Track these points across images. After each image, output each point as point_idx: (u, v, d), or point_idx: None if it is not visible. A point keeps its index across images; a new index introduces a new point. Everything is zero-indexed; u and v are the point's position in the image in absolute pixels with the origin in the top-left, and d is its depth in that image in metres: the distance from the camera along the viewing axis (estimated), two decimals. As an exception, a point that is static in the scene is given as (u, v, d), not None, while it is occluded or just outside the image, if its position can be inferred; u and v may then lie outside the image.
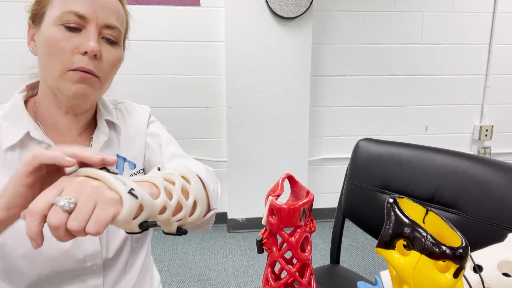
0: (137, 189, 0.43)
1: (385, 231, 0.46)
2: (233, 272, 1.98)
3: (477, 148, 2.66)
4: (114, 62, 0.66)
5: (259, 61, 2.21)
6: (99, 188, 0.40)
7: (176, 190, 0.50)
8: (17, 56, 2.10)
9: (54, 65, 0.60)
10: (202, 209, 0.55)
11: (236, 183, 2.37)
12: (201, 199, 0.55)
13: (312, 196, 0.53)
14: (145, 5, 2.18)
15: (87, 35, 0.61)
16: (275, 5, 2.10)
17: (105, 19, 0.62)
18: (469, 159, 0.86)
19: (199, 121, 2.38)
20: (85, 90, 0.62)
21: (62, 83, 0.61)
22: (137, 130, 0.78)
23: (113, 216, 0.40)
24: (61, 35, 0.60)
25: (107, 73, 0.65)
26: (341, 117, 2.53)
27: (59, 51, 0.59)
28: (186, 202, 0.51)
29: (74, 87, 0.61)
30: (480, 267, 0.51)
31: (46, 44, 0.60)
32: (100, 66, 0.63)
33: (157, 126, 0.81)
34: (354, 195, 1.06)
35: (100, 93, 0.67)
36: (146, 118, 0.80)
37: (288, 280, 0.54)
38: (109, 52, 0.64)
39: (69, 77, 0.60)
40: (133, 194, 0.42)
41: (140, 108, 0.82)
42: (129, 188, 0.42)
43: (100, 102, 0.75)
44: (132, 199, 0.41)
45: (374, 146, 1.05)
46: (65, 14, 0.59)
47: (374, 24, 2.42)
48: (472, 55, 2.55)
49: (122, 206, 0.40)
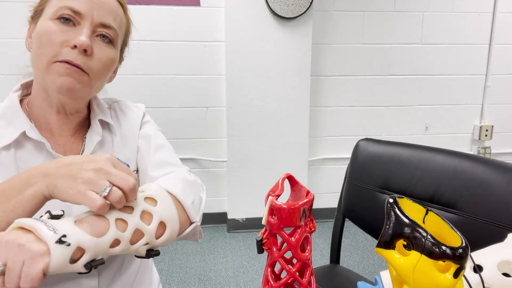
0: (72, 234, 0.44)
1: (385, 231, 0.46)
2: (233, 272, 1.98)
3: (477, 148, 2.66)
4: (106, 61, 0.64)
5: (259, 61, 2.21)
6: (26, 244, 0.41)
7: (132, 218, 0.50)
8: (17, 56, 2.10)
9: (42, 57, 0.59)
10: (174, 229, 0.55)
11: (236, 183, 2.37)
12: (171, 219, 0.55)
13: (312, 196, 0.53)
14: (145, 5, 2.18)
15: (80, 30, 0.59)
16: (275, 5, 2.10)
17: (101, 17, 0.61)
18: (469, 159, 0.86)
19: (199, 121, 2.38)
20: (71, 83, 0.59)
21: (47, 76, 0.59)
22: (130, 131, 0.75)
23: (43, 269, 0.41)
24: (54, 28, 0.59)
25: (97, 71, 0.62)
26: (341, 117, 2.53)
27: (49, 42, 0.58)
28: (147, 227, 0.51)
29: (59, 80, 0.58)
30: (480, 267, 0.51)
31: (38, 36, 0.59)
32: (90, 63, 0.61)
33: (151, 127, 0.78)
34: (354, 195, 1.06)
35: (88, 91, 0.64)
36: (139, 118, 0.77)
37: (288, 280, 0.54)
38: (102, 50, 0.62)
39: (55, 68, 0.58)
40: (63, 241, 0.42)
41: (135, 107, 0.80)
42: (59, 236, 0.42)
43: (94, 102, 0.73)
44: (61, 247, 0.42)
45: (374, 146, 1.05)
46: (60, 8, 0.59)
47: (374, 24, 2.42)
48: (472, 55, 2.55)
49: (50, 257, 0.41)
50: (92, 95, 0.69)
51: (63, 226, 0.44)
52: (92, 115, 0.71)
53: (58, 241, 0.42)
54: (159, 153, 0.74)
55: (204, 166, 2.45)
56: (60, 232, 0.43)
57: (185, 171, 0.72)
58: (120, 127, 0.75)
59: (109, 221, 0.48)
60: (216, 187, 2.48)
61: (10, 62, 2.12)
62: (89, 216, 0.48)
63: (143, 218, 0.52)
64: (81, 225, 0.46)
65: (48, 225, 0.43)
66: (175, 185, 0.62)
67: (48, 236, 0.42)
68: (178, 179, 0.65)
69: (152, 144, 0.75)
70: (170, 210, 0.55)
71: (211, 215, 2.50)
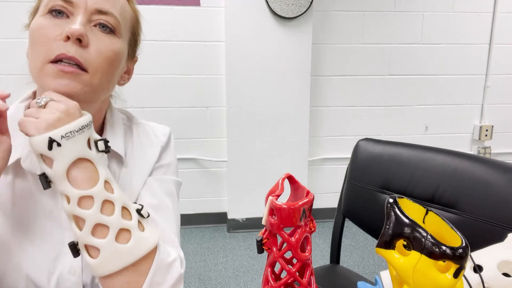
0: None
1: (385, 231, 0.46)
2: (233, 272, 1.98)
3: (477, 148, 2.66)
4: (107, 53, 0.54)
5: (259, 61, 2.21)
6: (68, 109, 0.50)
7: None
8: (17, 56, 2.10)
9: (35, 58, 0.52)
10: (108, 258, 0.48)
11: (236, 183, 2.37)
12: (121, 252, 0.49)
13: (312, 196, 0.53)
14: (145, 5, 2.18)
15: (73, 20, 0.52)
16: (275, 5, 2.10)
17: (96, 3, 0.53)
18: (469, 159, 0.86)
19: (199, 121, 2.38)
20: (67, 86, 0.51)
21: (42, 80, 0.52)
22: (141, 169, 0.64)
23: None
24: (44, 23, 0.52)
25: (97, 65, 0.53)
26: (341, 117, 2.53)
27: (41, 40, 0.52)
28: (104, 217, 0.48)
29: (53, 83, 0.51)
30: (480, 267, 0.51)
31: (29, 36, 0.53)
32: (87, 56, 0.52)
33: (162, 178, 0.66)
34: (354, 195, 1.06)
35: (91, 91, 0.54)
36: (154, 158, 0.66)
37: (288, 280, 0.54)
38: (100, 41, 0.54)
39: (48, 70, 0.51)
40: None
41: (155, 137, 0.68)
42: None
43: (109, 122, 0.63)
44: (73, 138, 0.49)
45: (374, 146, 1.05)
46: (50, 1, 0.53)
47: (374, 24, 2.42)
48: (472, 55, 2.55)
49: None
50: (99, 97, 0.58)
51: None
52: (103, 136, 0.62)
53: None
54: (158, 218, 0.61)
55: (204, 166, 2.45)
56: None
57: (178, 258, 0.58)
58: (133, 158, 0.64)
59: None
60: (216, 187, 2.48)
61: (10, 62, 2.11)
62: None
63: (105, 208, 0.49)
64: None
65: None
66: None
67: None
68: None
69: (153, 201, 0.63)
70: (138, 248, 0.49)
71: (211, 215, 2.50)
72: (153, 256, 0.52)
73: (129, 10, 0.61)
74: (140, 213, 0.53)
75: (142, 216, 0.53)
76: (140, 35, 0.66)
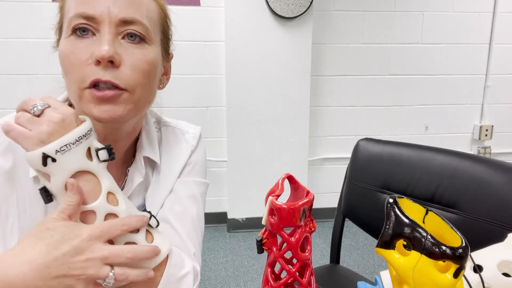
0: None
1: (385, 231, 0.46)
2: (233, 272, 1.98)
3: (477, 148, 2.66)
4: (142, 66, 0.52)
5: (259, 61, 2.21)
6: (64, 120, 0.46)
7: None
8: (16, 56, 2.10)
9: (71, 84, 0.50)
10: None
11: (236, 183, 2.37)
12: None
13: (312, 196, 0.53)
14: (145, 5, 2.18)
15: (100, 38, 0.49)
16: (275, 4, 2.10)
17: (119, 13, 0.49)
18: (469, 159, 0.86)
19: (199, 121, 2.38)
20: (111, 112, 0.50)
21: (83, 106, 0.50)
22: (170, 175, 0.63)
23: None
24: (71, 47, 0.49)
25: (135, 82, 0.51)
26: (341, 117, 2.53)
27: (72, 67, 0.49)
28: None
29: (95, 110, 0.49)
30: (480, 267, 0.51)
31: (60, 62, 0.51)
32: (122, 75, 0.50)
33: (186, 180, 0.65)
34: (354, 195, 1.06)
35: (133, 109, 0.52)
36: (183, 161, 0.65)
37: (288, 280, 0.54)
38: (133, 55, 0.51)
39: (88, 97, 0.49)
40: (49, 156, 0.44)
41: (185, 142, 0.68)
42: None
43: (145, 127, 0.62)
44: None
45: (374, 146, 1.04)
46: (72, 20, 0.49)
47: (374, 24, 2.42)
48: (472, 55, 2.55)
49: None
50: (142, 111, 0.57)
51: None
52: (138, 147, 0.61)
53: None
54: (179, 226, 0.61)
55: (204, 166, 2.45)
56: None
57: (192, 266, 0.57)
58: (165, 164, 0.64)
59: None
60: (216, 187, 2.48)
61: (10, 62, 2.11)
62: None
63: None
64: None
65: None
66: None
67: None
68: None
69: (177, 208, 0.62)
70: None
71: (211, 215, 2.50)
72: (163, 269, 0.50)
73: (154, 8, 0.56)
74: (148, 223, 0.51)
75: (151, 226, 0.51)
76: (170, 29, 0.63)
